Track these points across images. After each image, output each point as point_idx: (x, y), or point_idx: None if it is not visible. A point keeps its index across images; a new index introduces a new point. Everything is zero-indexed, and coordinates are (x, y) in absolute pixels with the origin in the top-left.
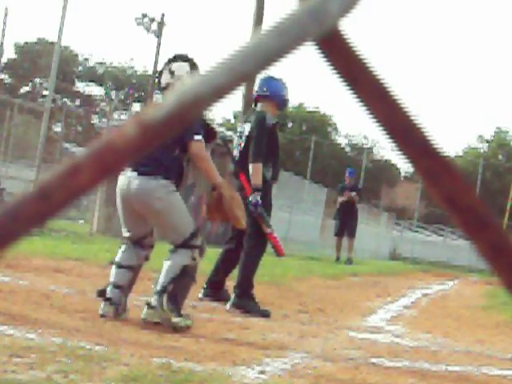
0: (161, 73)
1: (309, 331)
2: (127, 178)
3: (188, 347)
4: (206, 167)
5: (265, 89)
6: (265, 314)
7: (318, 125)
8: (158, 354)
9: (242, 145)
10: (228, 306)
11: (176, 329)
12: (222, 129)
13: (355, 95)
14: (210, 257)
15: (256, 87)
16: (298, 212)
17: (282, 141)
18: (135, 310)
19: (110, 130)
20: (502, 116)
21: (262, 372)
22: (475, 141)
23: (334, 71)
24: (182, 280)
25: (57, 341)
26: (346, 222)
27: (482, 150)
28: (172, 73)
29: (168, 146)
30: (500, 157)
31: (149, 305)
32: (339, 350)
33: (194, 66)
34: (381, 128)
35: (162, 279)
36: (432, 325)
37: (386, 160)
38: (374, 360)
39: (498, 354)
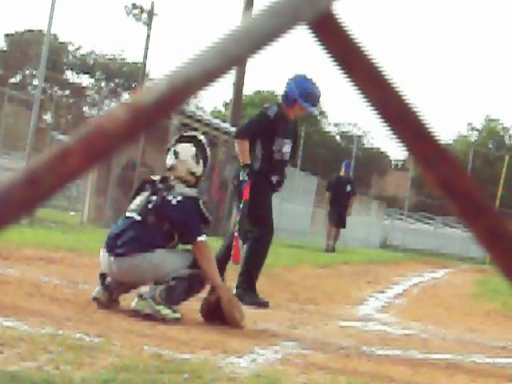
0: (168, 150)
1: (300, 320)
2: (106, 260)
3: (179, 337)
4: (207, 267)
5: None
6: (264, 305)
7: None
8: (150, 344)
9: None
10: None
11: (165, 321)
12: (216, 120)
13: (349, 79)
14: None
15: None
16: (289, 201)
17: None
18: (126, 301)
19: (99, 115)
20: (491, 105)
21: (253, 361)
22: (465, 129)
23: (328, 54)
24: (188, 282)
25: (48, 331)
26: (338, 212)
27: (472, 139)
28: (176, 154)
29: (151, 229)
30: (490, 145)
31: (140, 296)
32: (330, 339)
33: (201, 148)
34: (375, 112)
35: (166, 277)
36: (423, 313)
37: (377, 149)
38: (364, 349)
39: (488, 342)
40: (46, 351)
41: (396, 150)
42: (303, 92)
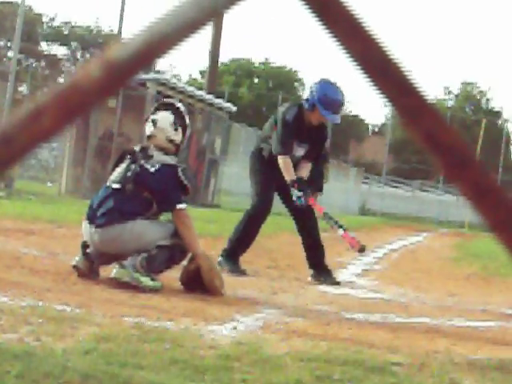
0: (147, 120)
1: (280, 287)
2: (88, 230)
3: (160, 306)
4: (187, 235)
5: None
6: (242, 273)
7: (285, 80)
8: (130, 314)
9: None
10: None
11: (145, 290)
12: (191, 88)
13: (329, 31)
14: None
15: None
16: None
17: (249, 97)
18: (106, 272)
19: (73, 72)
20: (468, 68)
21: (234, 328)
22: (442, 93)
23: (307, 7)
24: (169, 251)
25: (28, 303)
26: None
27: (448, 103)
28: (155, 123)
29: (131, 196)
30: (467, 109)
31: (121, 264)
32: (310, 306)
33: (180, 116)
34: (357, 66)
35: (147, 247)
36: (403, 278)
37: (354, 115)
38: (344, 314)
39: (468, 306)
40: (26, 323)
41: (373, 116)
42: (323, 98)
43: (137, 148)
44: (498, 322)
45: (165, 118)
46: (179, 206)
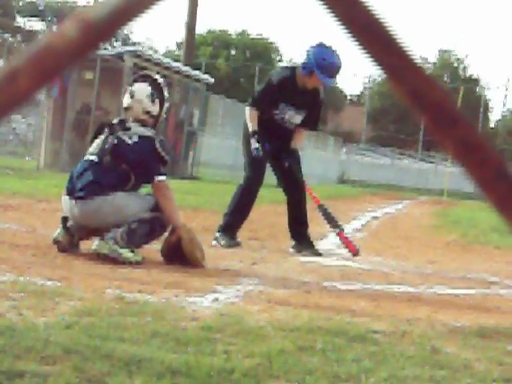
0: (125, 92)
1: (260, 258)
2: (68, 203)
3: (141, 279)
4: (167, 207)
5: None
6: (237, 245)
7: (262, 51)
8: (111, 287)
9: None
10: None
11: (126, 263)
12: (167, 60)
13: None
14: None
15: None
16: None
17: (226, 68)
18: (87, 245)
19: (48, 32)
20: (444, 37)
21: (215, 300)
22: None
23: None
24: (149, 225)
25: (8, 278)
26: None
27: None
28: (132, 94)
29: (108, 169)
30: (445, 78)
31: (101, 238)
32: (291, 275)
33: (157, 86)
34: (341, 25)
35: (127, 220)
36: (383, 247)
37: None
38: (326, 284)
39: (449, 274)
40: (7, 298)
41: (351, 85)
42: (320, 62)
43: (115, 120)
44: (478, 289)
45: (142, 89)
46: (159, 178)
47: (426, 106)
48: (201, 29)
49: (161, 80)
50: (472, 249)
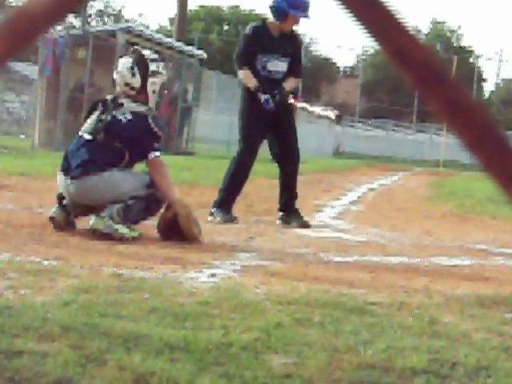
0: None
1: (257, 232)
2: (63, 182)
3: (138, 255)
4: (163, 183)
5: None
6: (233, 220)
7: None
8: (108, 264)
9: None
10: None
11: (122, 239)
12: (158, 35)
13: None
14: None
15: None
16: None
17: (220, 43)
18: (83, 223)
19: None
20: (436, 8)
21: (212, 275)
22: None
23: None
24: (145, 202)
25: (5, 257)
26: None
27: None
28: (116, 68)
29: (102, 146)
30: (438, 48)
31: (97, 214)
32: (288, 249)
33: (140, 61)
34: None
35: (123, 196)
36: (379, 218)
37: (326, 58)
38: (323, 256)
39: (446, 244)
40: (4, 277)
41: (344, 58)
42: (291, 1)
43: (108, 97)
44: (474, 259)
45: (124, 62)
46: (153, 155)
47: (412, 64)
48: (192, 4)
49: (147, 54)
50: (468, 219)
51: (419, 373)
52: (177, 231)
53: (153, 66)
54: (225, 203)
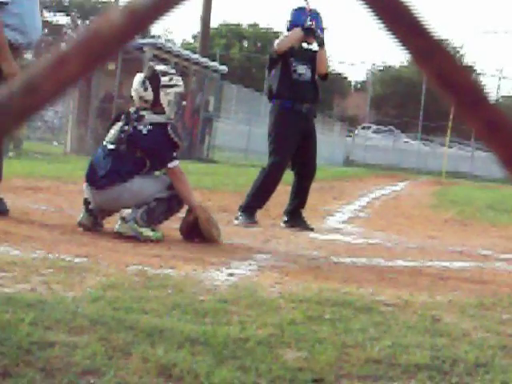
0: None
1: (272, 235)
2: (89, 191)
3: (161, 255)
4: (183, 190)
5: (288, 20)
6: (255, 224)
7: (272, 42)
8: (134, 262)
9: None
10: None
11: (147, 241)
12: (186, 52)
13: None
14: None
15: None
16: (257, 125)
17: (240, 58)
18: (110, 224)
19: (95, 20)
20: (439, 27)
21: (231, 274)
22: None
23: None
24: (167, 203)
25: (39, 255)
26: None
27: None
28: (132, 86)
29: (125, 156)
30: None
31: (123, 219)
32: (301, 251)
33: (152, 75)
34: (368, 9)
35: (146, 200)
36: (386, 224)
37: (338, 73)
38: (334, 259)
39: (448, 248)
40: (37, 274)
41: (355, 73)
42: (290, 25)
43: (131, 110)
44: (474, 262)
45: (137, 79)
46: (171, 165)
47: (453, 87)
48: (215, 22)
49: (161, 68)
50: (468, 225)
51: (422, 368)
52: (198, 234)
53: (165, 79)
54: (249, 208)
